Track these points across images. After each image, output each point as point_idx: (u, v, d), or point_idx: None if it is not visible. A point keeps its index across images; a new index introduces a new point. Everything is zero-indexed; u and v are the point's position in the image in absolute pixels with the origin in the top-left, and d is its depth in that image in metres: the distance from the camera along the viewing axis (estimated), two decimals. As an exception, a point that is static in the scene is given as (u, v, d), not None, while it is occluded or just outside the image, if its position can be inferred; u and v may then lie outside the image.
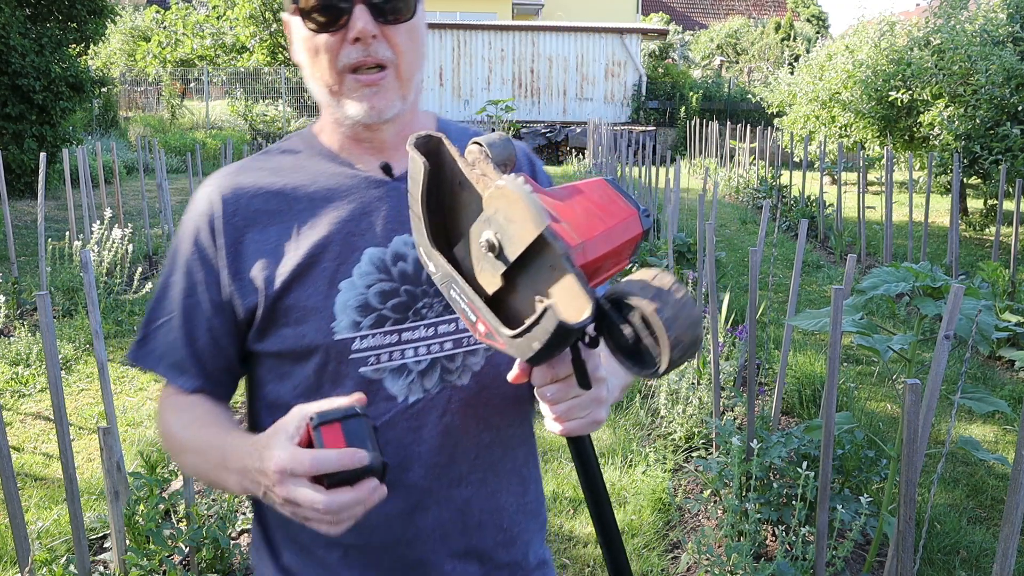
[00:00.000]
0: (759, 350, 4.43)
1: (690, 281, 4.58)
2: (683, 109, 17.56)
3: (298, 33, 1.01)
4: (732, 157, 12.87)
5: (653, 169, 7.97)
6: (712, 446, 3.54)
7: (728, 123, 13.38)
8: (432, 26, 17.49)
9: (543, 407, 0.90)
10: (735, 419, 3.67)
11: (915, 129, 9.42)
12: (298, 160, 1.07)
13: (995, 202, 8.59)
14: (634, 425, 3.88)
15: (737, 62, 24.63)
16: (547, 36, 17.44)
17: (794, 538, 2.55)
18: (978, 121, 7.84)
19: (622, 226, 0.79)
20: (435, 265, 0.81)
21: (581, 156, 15.67)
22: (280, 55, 20.57)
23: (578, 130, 16.74)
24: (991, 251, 6.78)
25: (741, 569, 2.48)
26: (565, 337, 0.70)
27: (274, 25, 20.00)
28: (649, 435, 3.80)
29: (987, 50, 7.60)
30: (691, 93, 17.75)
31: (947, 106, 8.39)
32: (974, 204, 10.19)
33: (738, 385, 3.84)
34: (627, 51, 17.33)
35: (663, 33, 19.04)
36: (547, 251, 0.71)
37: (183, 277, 1.04)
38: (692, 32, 27.13)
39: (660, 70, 18.69)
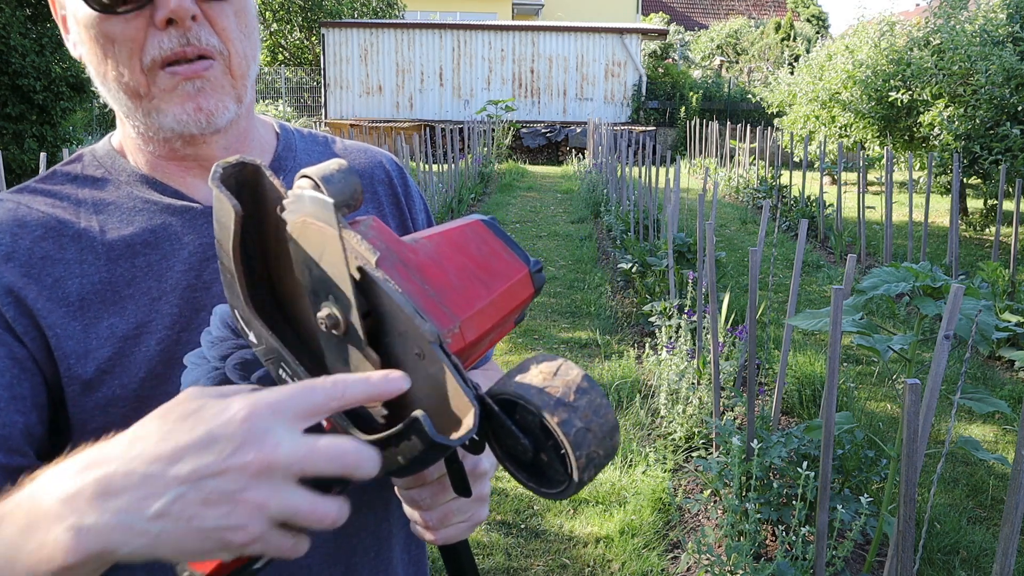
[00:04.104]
0: (759, 350, 4.43)
1: (690, 281, 4.58)
2: (683, 109, 17.57)
3: (75, 15, 0.72)
4: (732, 157, 12.87)
5: (653, 169, 7.97)
6: (712, 446, 3.54)
7: (728, 123, 13.39)
8: (432, 26, 17.51)
9: (408, 510, 0.72)
10: (735, 419, 3.67)
11: (915, 129, 9.43)
12: (101, 193, 0.78)
13: (995, 202, 8.59)
14: (634, 425, 3.88)
15: (737, 62, 24.63)
16: (547, 36, 17.45)
17: (794, 538, 2.55)
18: (978, 121, 7.84)
19: (509, 292, 0.61)
20: (256, 334, 0.61)
21: (581, 156, 15.67)
22: (280, 55, 20.57)
23: (578, 130, 16.75)
24: (991, 251, 6.78)
25: (741, 569, 2.48)
26: (438, 453, 0.53)
27: (274, 25, 19.99)
28: (649, 435, 3.80)
29: (987, 50, 7.60)
30: (691, 93, 17.76)
31: (947, 106, 8.39)
32: (974, 204, 10.19)
33: (738, 385, 3.85)
34: (627, 51, 17.33)
35: (663, 33, 19.05)
36: (410, 333, 0.53)
37: None
38: (692, 32, 27.14)
39: (660, 70, 18.70)
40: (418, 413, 0.51)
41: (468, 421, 0.52)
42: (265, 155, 0.87)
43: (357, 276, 0.54)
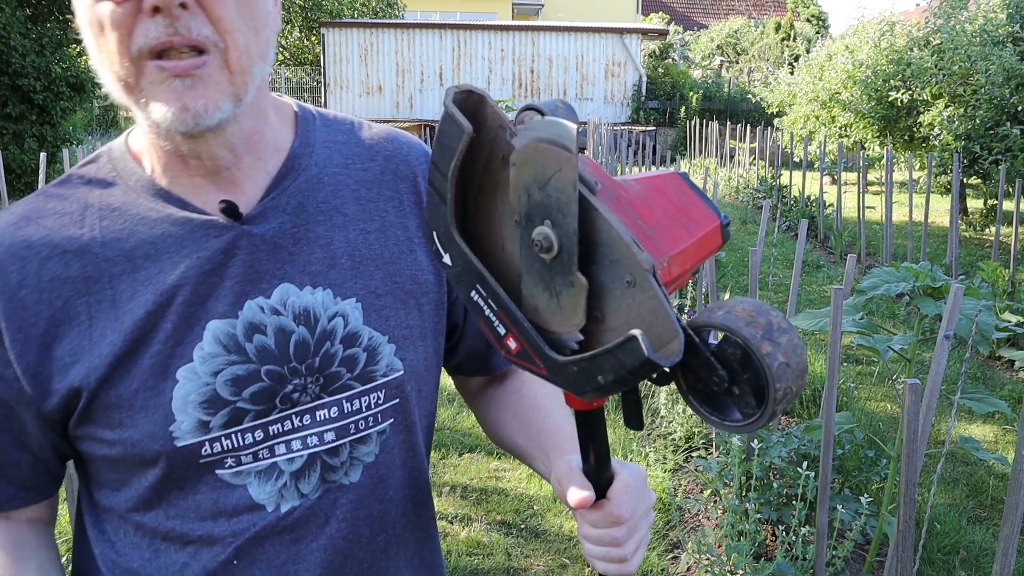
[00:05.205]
0: (759, 350, 4.42)
1: (690, 281, 4.58)
2: (683, 109, 17.56)
3: (77, 3, 0.72)
4: (732, 157, 12.87)
5: (653, 169, 7.97)
6: (712, 446, 3.54)
7: (728, 123, 13.38)
8: (432, 26, 17.51)
9: (597, 549, 0.75)
10: (735, 419, 3.66)
11: (915, 129, 9.42)
12: (109, 197, 0.79)
13: (995, 202, 8.59)
14: (634, 425, 3.88)
15: (737, 62, 24.62)
16: (547, 36, 17.44)
17: (794, 538, 2.55)
18: (978, 121, 7.84)
19: (705, 239, 0.64)
20: (453, 257, 0.65)
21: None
22: (280, 55, 20.57)
23: (579, 130, 16.73)
24: (991, 251, 6.78)
25: (741, 569, 2.48)
26: (643, 375, 0.56)
27: (274, 25, 19.98)
28: (649, 435, 3.80)
29: (987, 50, 7.60)
30: (691, 93, 17.75)
31: (947, 106, 8.39)
32: (974, 204, 10.19)
33: (738, 385, 3.84)
34: (627, 51, 17.33)
35: (663, 33, 19.04)
36: (624, 261, 0.56)
37: None
38: (692, 32, 27.14)
39: (660, 70, 18.69)
40: (636, 332, 0.53)
41: (674, 347, 0.55)
42: (278, 156, 0.84)
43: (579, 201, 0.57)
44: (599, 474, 0.74)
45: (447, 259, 0.65)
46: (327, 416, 0.81)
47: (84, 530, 0.86)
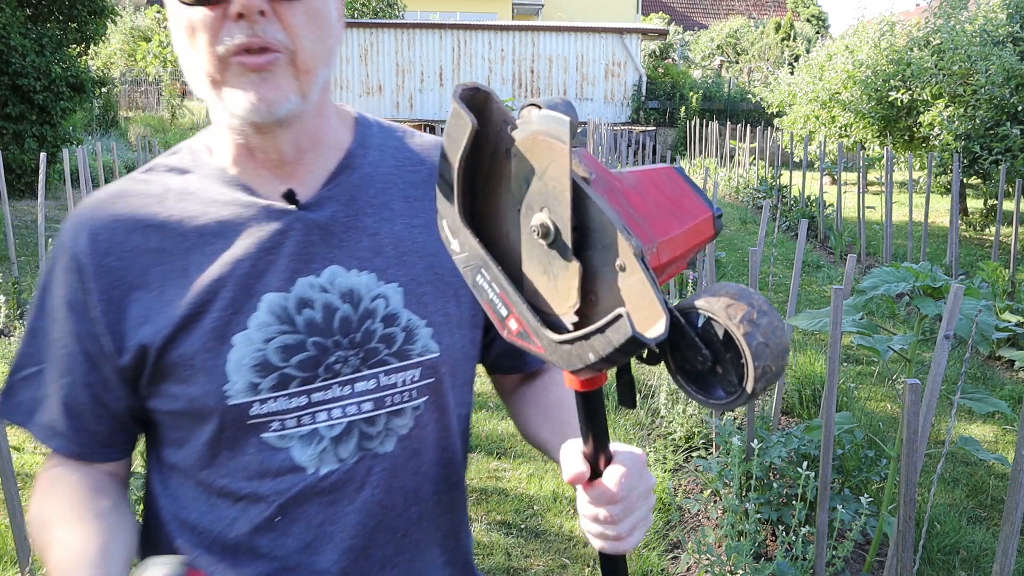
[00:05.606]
0: (759, 350, 4.42)
1: (690, 281, 4.58)
2: (683, 109, 17.56)
3: (172, 9, 0.83)
4: (732, 157, 12.87)
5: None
6: (712, 446, 3.54)
7: (728, 123, 13.38)
8: (432, 26, 17.51)
9: (596, 528, 0.79)
10: (735, 419, 3.67)
11: (915, 129, 9.42)
12: (187, 182, 0.90)
13: (995, 202, 8.59)
14: (634, 425, 3.88)
15: (737, 62, 24.62)
16: (547, 36, 17.44)
17: (794, 538, 2.55)
18: (978, 121, 7.84)
19: (695, 228, 0.69)
20: (460, 243, 0.69)
21: (581, 156, 15.63)
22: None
23: (578, 130, 16.73)
24: (991, 251, 6.78)
25: (741, 569, 2.48)
26: (630, 352, 0.59)
27: (274, 25, 19.99)
28: (649, 435, 3.80)
29: (987, 50, 7.61)
30: (691, 93, 17.75)
31: (947, 106, 8.39)
32: (974, 204, 10.19)
33: (738, 385, 3.83)
34: (627, 51, 17.33)
35: (663, 33, 19.04)
36: (615, 246, 0.60)
37: (53, 325, 0.88)
38: (692, 32, 27.13)
39: (660, 70, 18.69)
40: (622, 310, 0.58)
41: (660, 326, 0.58)
42: (336, 153, 0.93)
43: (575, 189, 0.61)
44: (597, 454, 0.77)
45: (455, 245, 0.70)
46: (365, 388, 0.89)
47: (152, 487, 0.95)
